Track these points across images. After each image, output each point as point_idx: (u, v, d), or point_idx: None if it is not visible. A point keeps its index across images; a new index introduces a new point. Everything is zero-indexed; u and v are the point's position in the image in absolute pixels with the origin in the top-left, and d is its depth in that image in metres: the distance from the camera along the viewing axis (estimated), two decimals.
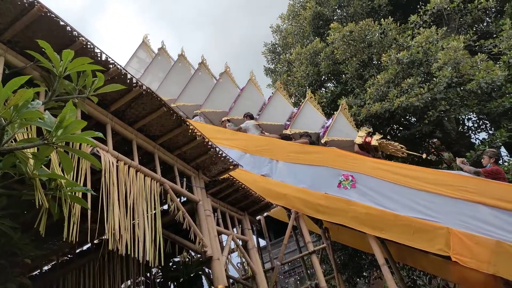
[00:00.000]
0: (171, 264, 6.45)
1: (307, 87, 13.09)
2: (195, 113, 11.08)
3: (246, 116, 10.32)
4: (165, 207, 5.19)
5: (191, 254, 6.66)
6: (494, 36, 10.56)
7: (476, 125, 11.56)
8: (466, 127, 11.87)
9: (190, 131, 4.94)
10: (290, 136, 9.50)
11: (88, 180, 3.25)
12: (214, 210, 6.00)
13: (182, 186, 5.20)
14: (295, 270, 18.51)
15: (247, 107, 10.89)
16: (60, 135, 2.00)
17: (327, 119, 9.89)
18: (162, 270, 6.57)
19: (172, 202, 4.77)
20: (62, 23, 3.18)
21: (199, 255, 5.85)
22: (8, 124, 1.92)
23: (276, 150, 8.96)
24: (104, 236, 5.87)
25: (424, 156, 8.94)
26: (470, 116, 11.41)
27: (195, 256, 6.55)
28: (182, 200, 5.60)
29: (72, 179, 2.53)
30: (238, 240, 6.45)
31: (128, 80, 3.87)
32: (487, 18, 12.25)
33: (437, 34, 9.85)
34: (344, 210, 7.44)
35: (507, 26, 9.51)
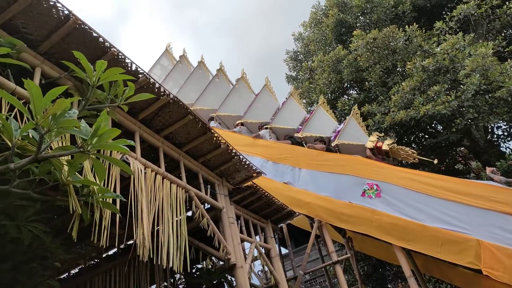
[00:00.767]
0: (194, 270, 6.49)
1: (329, 95, 13.03)
2: (211, 116, 11.29)
3: (260, 127, 10.54)
4: (188, 213, 5.25)
5: (213, 261, 6.68)
6: None
7: (506, 133, 11.22)
8: (496, 135, 11.53)
9: (214, 139, 5.00)
10: (301, 139, 9.49)
11: (117, 187, 3.32)
12: (238, 218, 6.01)
13: (206, 193, 5.25)
14: (316, 280, 18.18)
15: (260, 111, 11.01)
16: (95, 143, 2.06)
17: (338, 124, 9.84)
18: (185, 276, 6.61)
19: (196, 209, 4.82)
20: (95, 34, 3.29)
21: (222, 262, 5.87)
22: (46, 132, 2.00)
23: (298, 158, 8.94)
24: (130, 241, 6.00)
25: (435, 161, 8.61)
26: (499, 124, 11.09)
27: (218, 263, 6.56)
28: (206, 207, 5.64)
29: (102, 185, 2.60)
30: (261, 248, 6.43)
31: (156, 89, 3.96)
32: None
33: (464, 40, 9.64)
34: (369, 220, 7.32)
35: None
